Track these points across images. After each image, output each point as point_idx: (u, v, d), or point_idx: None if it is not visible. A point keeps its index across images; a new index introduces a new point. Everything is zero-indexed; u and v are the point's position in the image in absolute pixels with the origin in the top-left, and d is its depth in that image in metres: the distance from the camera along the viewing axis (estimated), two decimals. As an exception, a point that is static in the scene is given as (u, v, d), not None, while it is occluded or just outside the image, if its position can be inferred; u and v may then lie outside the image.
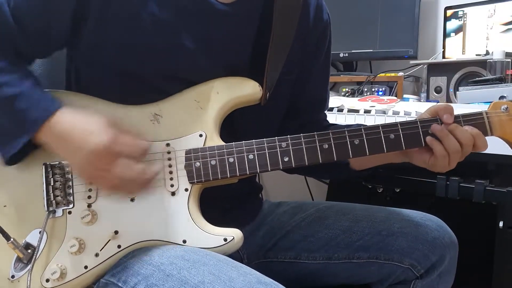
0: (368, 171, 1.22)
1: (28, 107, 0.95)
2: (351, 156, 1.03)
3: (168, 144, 1.01)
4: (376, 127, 1.03)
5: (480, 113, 1.04)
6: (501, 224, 1.31)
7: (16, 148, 0.96)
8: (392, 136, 1.03)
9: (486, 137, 1.04)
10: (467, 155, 1.04)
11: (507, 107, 1.03)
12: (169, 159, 1.01)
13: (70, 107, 0.97)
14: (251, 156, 1.01)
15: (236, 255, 1.13)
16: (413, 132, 1.03)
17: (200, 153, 1.01)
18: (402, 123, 1.03)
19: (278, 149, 1.01)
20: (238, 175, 1.01)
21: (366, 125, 1.06)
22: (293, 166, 1.01)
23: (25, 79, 0.98)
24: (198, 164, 1.00)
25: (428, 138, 1.03)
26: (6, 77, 0.96)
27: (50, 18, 0.99)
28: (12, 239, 0.97)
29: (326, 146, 1.02)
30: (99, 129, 0.92)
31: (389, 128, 1.03)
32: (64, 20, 1.00)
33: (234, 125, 1.11)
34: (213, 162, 1.00)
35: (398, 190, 1.60)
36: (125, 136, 0.94)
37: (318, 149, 1.02)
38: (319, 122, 1.32)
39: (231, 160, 1.01)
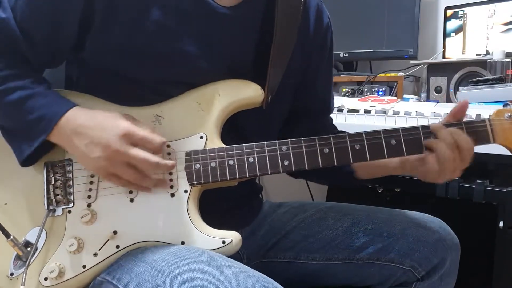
0: (371, 181, 1.21)
1: (44, 104, 0.97)
2: (351, 161, 1.02)
3: (168, 146, 1.01)
4: (377, 132, 1.02)
5: (483, 121, 1.03)
6: (501, 224, 1.31)
7: (33, 146, 0.97)
8: (393, 141, 1.02)
9: (489, 145, 1.03)
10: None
11: (510, 115, 1.02)
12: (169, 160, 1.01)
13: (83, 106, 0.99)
14: (251, 159, 1.01)
15: (235, 255, 1.13)
16: (414, 138, 1.02)
17: (200, 155, 1.01)
18: (404, 129, 1.02)
19: (278, 152, 1.01)
20: (237, 177, 1.00)
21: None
22: (293, 169, 1.01)
23: (39, 83, 1.00)
24: (198, 166, 1.00)
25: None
26: (20, 82, 0.98)
27: (58, 27, 1.00)
28: (11, 237, 0.97)
29: (326, 150, 1.01)
30: (113, 122, 0.94)
31: (390, 133, 1.02)
32: (71, 28, 1.01)
33: (237, 128, 1.11)
34: (213, 164, 1.00)
35: (398, 190, 1.60)
36: (140, 129, 0.95)
37: (319, 153, 1.01)
38: (327, 128, 1.32)
39: (231, 162, 1.00)
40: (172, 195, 1.00)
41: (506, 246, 1.34)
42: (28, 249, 0.99)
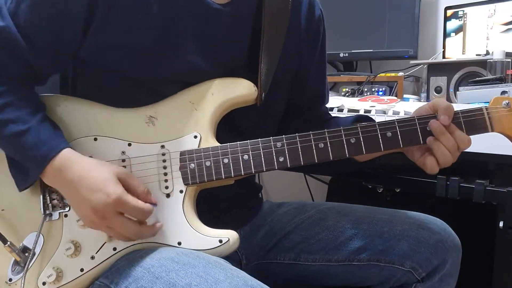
0: (371, 163, 1.20)
1: (35, 144, 0.96)
2: (347, 155, 1.02)
3: (163, 146, 1.01)
4: (372, 125, 1.02)
5: (480, 109, 1.02)
6: (501, 224, 1.30)
7: (29, 182, 0.99)
8: (389, 133, 1.01)
9: (487, 134, 1.02)
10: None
11: (508, 103, 1.01)
12: (164, 161, 1.01)
13: (78, 151, 0.98)
14: (245, 157, 1.00)
15: (234, 256, 1.14)
16: (410, 129, 1.02)
17: (194, 155, 1.01)
18: (399, 120, 1.02)
19: (273, 149, 1.01)
20: (232, 176, 1.00)
21: (367, 119, 1.05)
22: (289, 166, 1.01)
23: (33, 114, 0.98)
24: (192, 165, 1.00)
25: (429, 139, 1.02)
26: (15, 113, 0.97)
27: (62, 30, 0.99)
28: (8, 243, 0.97)
29: (321, 145, 1.01)
30: (106, 186, 0.92)
31: (386, 125, 1.02)
32: (75, 29, 1.00)
33: (235, 126, 1.10)
34: (207, 163, 1.00)
35: (398, 190, 1.60)
36: (130, 197, 0.94)
37: (314, 148, 1.01)
38: (321, 117, 1.32)
39: (226, 161, 1.00)
40: (168, 195, 1.00)
41: (506, 246, 1.33)
42: (26, 254, 0.99)
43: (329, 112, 1.37)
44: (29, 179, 0.98)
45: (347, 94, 2.02)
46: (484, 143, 1.09)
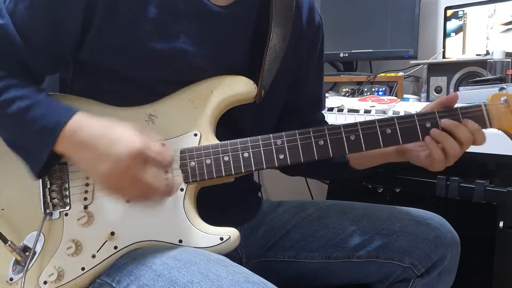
0: (368, 171, 1.21)
1: (45, 113, 0.94)
2: (347, 152, 1.02)
3: (163, 144, 1.00)
4: (372, 122, 1.02)
5: (479, 105, 1.02)
6: (501, 224, 1.30)
7: (43, 161, 0.95)
8: (388, 130, 1.01)
9: (485, 130, 1.02)
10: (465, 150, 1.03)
11: (506, 99, 1.01)
12: None
13: (88, 113, 0.95)
14: (246, 154, 1.00)
15: (235, 255, 1.14)
16: (410, 126, 1.01)
17: (195, 153, 1.00)
18: (398, 117, 1.02)
19: (273, 146, 1.01)
20: (233, 173, 1.00)
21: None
22: (289, 163, 1.01)
23: (38, 92, 0.98)
24: (193, 163, 1.00)
25: (427, 139, 1.02)
26: (20, 92, 0.96)
27: (59, 31, 0.99)
28: (9, 242, 0.97)
29: (321, 142, 1.01)
30: (128, 134, 0.90)
31: (385, 122, 1.02)
32: (73, 31, 1.00)
33: (233, 124, 1.11)
34: (208, 161, 1.00)
35: (398, 190, 1.60)
36: (155, 143, 0.92)
37: (314, 145, 1.01)
38: (317, 123, 1.31)
39: (226, 158, 1.00)
40: (168, 193, 1.00)
41: (506, 246, 1.33)
42: (27, 253, 0.99)
43: (326, 120, 1.37)
44: (44, 155, 0.94)
45: (347, 94, 2.03)
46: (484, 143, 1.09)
